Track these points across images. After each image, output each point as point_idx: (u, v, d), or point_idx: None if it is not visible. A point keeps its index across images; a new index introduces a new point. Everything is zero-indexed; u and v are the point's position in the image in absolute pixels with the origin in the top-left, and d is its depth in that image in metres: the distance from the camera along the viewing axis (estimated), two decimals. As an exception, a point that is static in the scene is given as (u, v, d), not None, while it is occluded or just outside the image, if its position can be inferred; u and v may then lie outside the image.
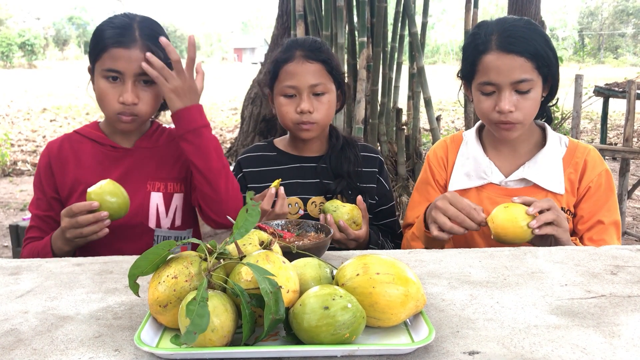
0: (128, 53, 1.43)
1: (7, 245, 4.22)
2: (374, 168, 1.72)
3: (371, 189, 1.70)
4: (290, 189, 1.62)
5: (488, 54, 1.42)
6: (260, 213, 0.90)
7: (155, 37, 1.46)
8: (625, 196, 3.96)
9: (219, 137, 8.94)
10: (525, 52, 1.39)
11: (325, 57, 1.59)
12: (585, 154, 1.53)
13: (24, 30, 44.47)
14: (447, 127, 9.77)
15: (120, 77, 1.44)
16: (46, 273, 1.14)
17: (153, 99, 1.49)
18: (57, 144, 1.58)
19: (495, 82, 1.41)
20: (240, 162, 1.71)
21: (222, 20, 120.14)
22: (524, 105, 1.42)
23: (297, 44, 1.60)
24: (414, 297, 0.83)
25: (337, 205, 1.50)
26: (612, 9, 55.56)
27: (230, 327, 0.78)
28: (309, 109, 1.56)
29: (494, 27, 1.44)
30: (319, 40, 1.64)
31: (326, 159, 1.67)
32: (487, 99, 1.45)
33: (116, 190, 1.35)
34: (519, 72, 1.39)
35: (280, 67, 1.59)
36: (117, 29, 1.45)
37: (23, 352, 0.81)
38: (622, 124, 7.06)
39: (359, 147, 1.71)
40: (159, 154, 1.60)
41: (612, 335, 0.83)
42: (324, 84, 1.58)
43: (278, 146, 1.73)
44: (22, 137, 9.05)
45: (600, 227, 1.48)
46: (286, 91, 1.58)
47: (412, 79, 4.10)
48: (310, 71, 1.57)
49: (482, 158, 1.57)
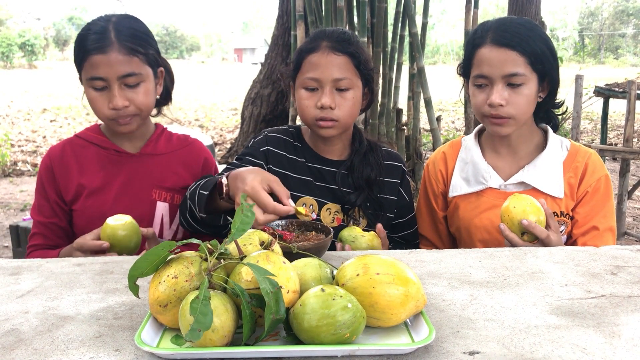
0: (107, 58, 1.40)
1: (8, 245, 4.23)
2: (396, 179, 1.62)
3: (391, 201, 1.60)
4: (307, 188, 1.54)
5: (482, 47, 1.44)
6: (254, 214, 0.90)
7: (133, 35, 1.44)
8: (626, 197, 3.96)
9: (219, 137, 8.94)
10: (518, 47, 1.40)
11: (354, 50, 1.47)
12: (586, 158, 1.52)
13: (24, 31, 44.52)
14: (447, 127, 9.77)
15: (105, 83, 1.42)
16: (47, 273, 1.14)
17: (144, 97, 1.46)
18: (59, 149, 1.56)
19: (488, 75, 1.43)
20: (267, 137, 1.59)
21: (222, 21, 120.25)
22: (515, 101, 1.42)
23: (325, 34, 1.49)
24: (414, 297, 0.83)
25: (355, 235, 1.38)
26: (612, 10, 55.57)
27: (231, 327, 0.78)
28: (330, 105, 1.44)
29: (493, 24, 1.47)
30: (348, 32, 1.52)
31: (348, 164, 1.57)
32: (480, 92, 1.46)
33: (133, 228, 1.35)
34: (511, 66, 1.40)
35: (304, 58, 1.48)
36: (94, 34, 1.43)
37: (24, 352, 0.81)
38: (622, 125, 7.06)
39: (383, 154, 1.61)
40: (165, 162, 1.58)
41: (612, 335, 0.84)
42: (349, 79, 1.46)
43: (304, 137, 1.61)
44: (22, 138, 9.05)
45: (594, 232, 1.48)
46: (308, 83, 1.47)
47: (412, 79, 4.10)
48: (335, 64, 1.45)
49: (480, 162, 1.57)
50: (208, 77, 26.30)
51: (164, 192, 1.55)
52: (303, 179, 1.55)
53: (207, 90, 18.41)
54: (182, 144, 1.64)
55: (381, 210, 1.57)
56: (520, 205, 1.33)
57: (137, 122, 1.50)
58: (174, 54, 65.93)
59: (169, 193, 1.56)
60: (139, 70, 1.44)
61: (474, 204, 1.56)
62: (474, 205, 1.56)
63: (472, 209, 1.56)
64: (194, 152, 1.64)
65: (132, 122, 1.48)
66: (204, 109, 13.11)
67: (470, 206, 1.56)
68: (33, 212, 1.56)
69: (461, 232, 1.59)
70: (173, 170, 1.58)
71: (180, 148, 1.62)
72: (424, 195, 1.69)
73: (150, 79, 1.49)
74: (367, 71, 1.51)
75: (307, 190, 1.53)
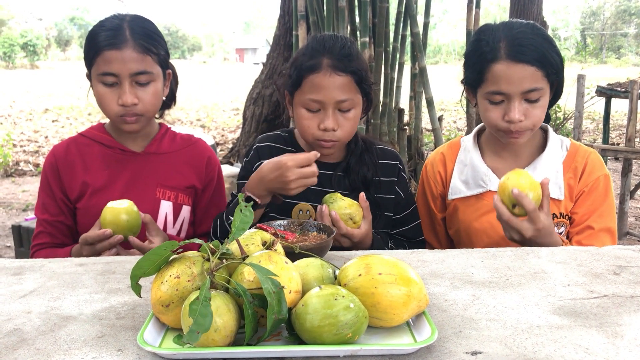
0: (121, 54, 1.41)
1: (10, 245, 4.23)
2: (393, 177, 1.60)
3: (389, 200, 1.58)
4: (304, 193, 1.50)
5: (497, 62, 1.38)
6: (253, 213, 0.91)
7: (147, 35, 1.45)
8: (628, 196, 3.95)
9: (220, 137, 8.95)
10: (536, 61, 1.35)
11: (356, 67, 1.44)
12: (585, 158, 1.51)
13: (26, 31, 44.57)
14: (449, 127, 9.76)
15: (116, 80, 1.43)
16: (49, 273, 1.14)
17: (153, 97, 1.48)
18: (63, 147, 1.57)
19: (506, 92, 1.38)
20: (259, 150, 1.59)
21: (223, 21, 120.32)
22: (533, 114, 1.40)
23: (325, 48, 1.44)
24: (417, 297, 0.83)
25: (335, 198, 1.39)
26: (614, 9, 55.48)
27: (233, 327, 0.78)
28: (333, 127, 1.43)
29: (501, 33, 1.40)
30: (348, 44, 1.47)
31: (344, 165, 1.56)
32: (495, 108, 1.42)
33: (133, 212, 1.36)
34: (530, 82, 1.36)
35: (305, 76, 1.43)
36: (108, 31, 1.44)
37: (26, 352, 0.81)
38: (624, 124, 7.05)
39: (378, 152, 1.59)
40: (170, 161, 1.59)
41: (615, 335, 0.83)
42: (351, 100, 1.44)
43: (298, 141, 1.60)
44: (24, 138, 9.07)
45: (588, 232, 1.46)
46: (310, 105, 1.44)
47: (414, 79, 4.10)
48: (338, 85, 1.42)
49: (480, 165, 1.55)
50: (209, 77, 26.31)
51: (168, 190, 1.56)
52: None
53: (208, 90, 18.42)
54: (185, 143, 1.64)
55: (379, 210, 1.56)
56: (514, 178, 1.28)
57: (142, 123, 1.50)
58: (176, 54, 66.00)
59: (173, 192, 1.57)
60: (150, 69, 1.45)
61: (474, 207, 1.55)
62: (474, 208, 1.55)
63: (472, 212, 1.55)
64: (198, 151, 1.64)
65: (137, 122, 1.49)
66: (205, 109, 13.12)
67: (470, 209, 1.55)
68: (37, 211, 1.56)
69: (461, 234, 1.58)
70: (177, 169, 1.58)
71: (184, 147, 1.63)
72: (422, 196, 1.68)
73: (160, 79, 1.50)
74: (368, 86, 1.49)
75: (302, 196, 1.49)
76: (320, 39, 1.48)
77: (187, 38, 74.35)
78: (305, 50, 1.47)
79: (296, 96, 1.48)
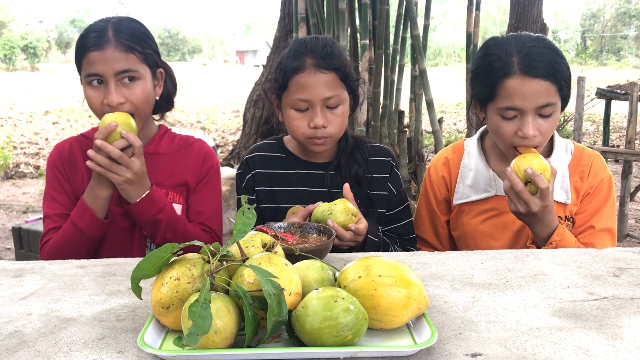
0: (103, 54, 1.41)
1: (10, 247, 4.23)
2: (385, 174, 1.61)
3: (382, 197, 1.60)
4: (297, 196, 1.55)
5: (511, 78, 1.35)
6: (255, 215, 0.91)
7: (131, 34, 1.45)
8: (628, 198, 3.95)
9: (221, 139, 8.96)
10: (550, 76, 1.34)
11: (339, 64, 1.47)
12: (590, 161, 1.52)
13: (26, 33, 44.60)
14: (449, 129, 9.77)
15: (102, 80, 1.43)
16: (49, 275, 1.15)
17: (141, 95, 1.46)
18: (67, 144, 1.59)
19: (520, 108, 1.36)
20: (248, 162, 1.62)
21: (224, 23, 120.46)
22: (546, 128, 1.39)
23: (307, 49, 1.47)
24: (416, 299, 0.83)
25: (328, 208, 1.36)
26: (614, 11, 55.53)
27: (233, 329, 0.78)
28: (323, 124, 1.46)
29: (513, 48, 1.38)
30: (329, 43, 1.50)
31: (335, 163, 1.58)
32: (508, 124, 1.39)
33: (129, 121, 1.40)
34: (544, 97, 1.35)
35: (290, 77, 1.47)
36: (93, 33, 1.44)
37: (27, 354, 0.81)
38: (624, 126, 7.05)
39: (369, 150, 1.61)
40: (168, 161, 1.59)
41: (615, 337, 0.83)
42: (337, 96, 1.47)
43: (287, 147, 1.64)
44: (24, 140, 9.07)
45: (590, 231, 1.47)
46: (298, 105, 1.47)
47: (414, 81, 4.10)
48: (323, 82, 1.45)
49: (486, 170, 1.55)
50: (210, 80, 26.34)
51: (164, 190, 1.56)
52: (290, 189, 1.57)
53: (209, 93, 18.44)
54: (184, 143, 1.64)
55: (372, 207, 1.57)
56: (529, 157, 1.34)
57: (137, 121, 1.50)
58: (176, 56, 66.01)
59: (165, 190, 1.57)
60: (135, 67, 1.44)
61: (479, 211, 1.55)
62: (480, 212, 1.55)
63: (478, 216, 1.55)
64: (197, 152, 1.64)
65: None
66: (205, 111, 13.13)
67: (476, 213, 1.55)
68: (47, 207, 1.55)
69: (466, 237, 1.58)
70: (175, 170, 1.59)
71: (183, 148, 1.63)
72: (425, 199, 1.67)
73: (148, 78, 1.49)
74: (353, 82, 1.52)
75: (295, 200, 1.54)
76: (302, 41, 1.52)
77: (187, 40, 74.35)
78: (288, 53, 1.51)
79: (284, 98, 1.51)
